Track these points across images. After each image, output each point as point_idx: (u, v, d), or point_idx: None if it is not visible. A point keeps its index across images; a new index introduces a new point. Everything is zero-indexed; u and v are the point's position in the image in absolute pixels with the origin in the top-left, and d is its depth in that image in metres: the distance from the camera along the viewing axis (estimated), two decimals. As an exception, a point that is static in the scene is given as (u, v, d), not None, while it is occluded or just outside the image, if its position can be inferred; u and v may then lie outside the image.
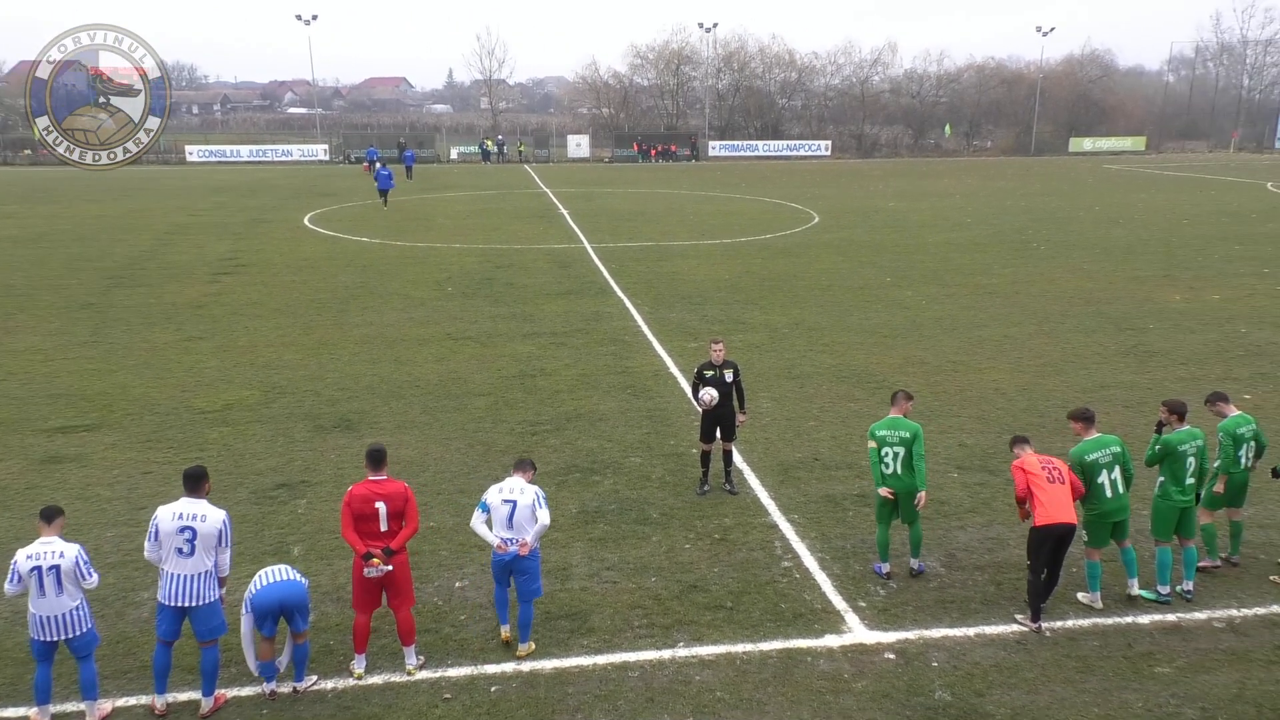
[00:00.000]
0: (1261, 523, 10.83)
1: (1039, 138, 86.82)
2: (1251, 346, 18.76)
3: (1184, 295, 23.50)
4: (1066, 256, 29.38)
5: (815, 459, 13.11)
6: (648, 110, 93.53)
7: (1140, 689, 7.96)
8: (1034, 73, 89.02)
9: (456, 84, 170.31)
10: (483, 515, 8.49)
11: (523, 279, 26.39)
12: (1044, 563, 8.81)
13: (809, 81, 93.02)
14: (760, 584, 9.72)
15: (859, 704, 7.79)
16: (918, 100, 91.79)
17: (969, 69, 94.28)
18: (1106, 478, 9.06)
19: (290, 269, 28.06)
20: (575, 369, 17.53)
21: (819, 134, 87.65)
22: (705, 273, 27.14)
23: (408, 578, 8.30)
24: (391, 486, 8.18)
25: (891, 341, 19.39)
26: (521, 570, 8.44)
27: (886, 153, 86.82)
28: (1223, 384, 15.96)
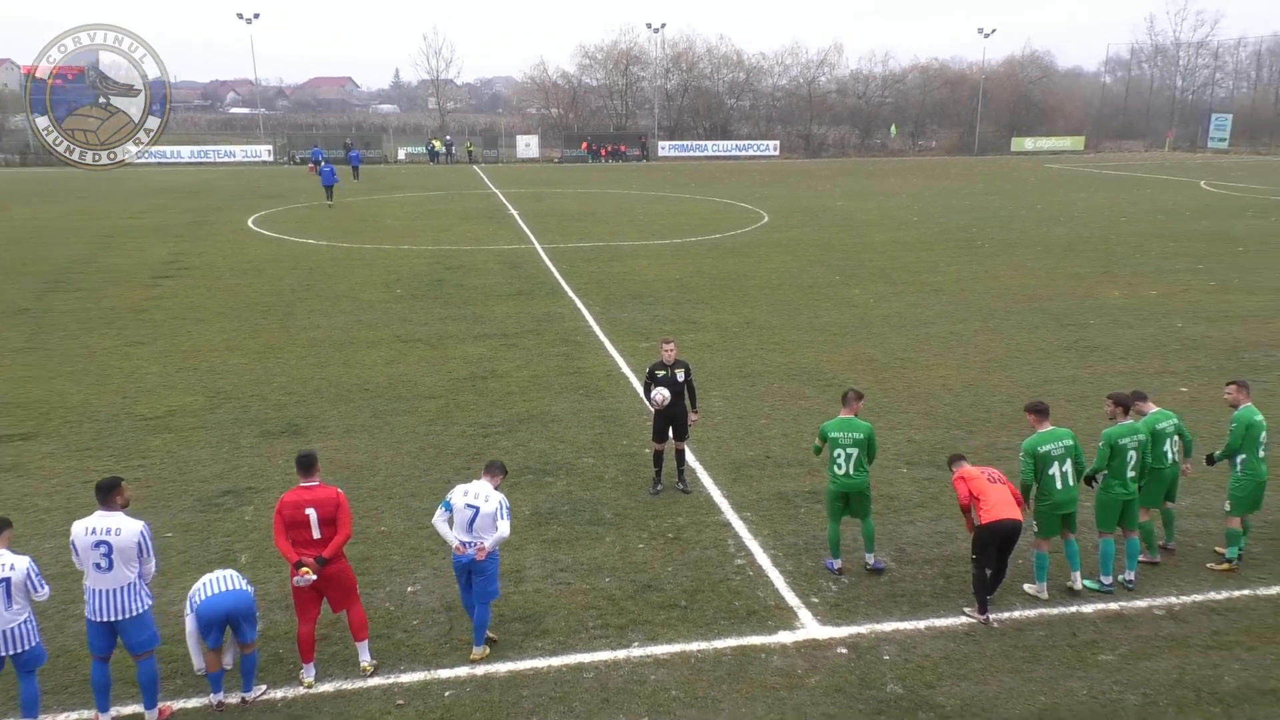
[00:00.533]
0: (1198, 512, 11.13)
1: (982, 138, 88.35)
2: (1187, 341, 19.28)
3: (1123, 291, 24.07)
4: (1010, 254, 29.93)
5: (767, 457, 13.20)
6: (597, 110, 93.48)
7: (1085, 677, 8.14)
8: (976, 74, 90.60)
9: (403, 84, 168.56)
10: (445, 514, 8.43)
11: (473, 280, 26.22)
12: (989, 559, 8.96)
13: (757, 82, 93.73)
14: (714, 582, 9.76)
15: (812, 699, 7.86)
16: (864, 101, 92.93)
17: (913, 70, 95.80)
18: (1058, 469, 9.26)
19: (234, 272, 27.56)
20: (527, 370, 17.46)
21: (767, 134, 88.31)
22: (656, 272, 27.20)
23: (350, 582, 8.18)
24: (322, 493, 8.03)
25: (841, 339, 19.60)
26: (480, 571, 8.37)
27: (834, 153, 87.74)
28: (1160, 377, 16.42)
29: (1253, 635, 8.73)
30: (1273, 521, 10.94)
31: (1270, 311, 21.67)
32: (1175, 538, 10.41)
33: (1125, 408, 9.71)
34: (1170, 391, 15.37)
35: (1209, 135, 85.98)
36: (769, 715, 7.68)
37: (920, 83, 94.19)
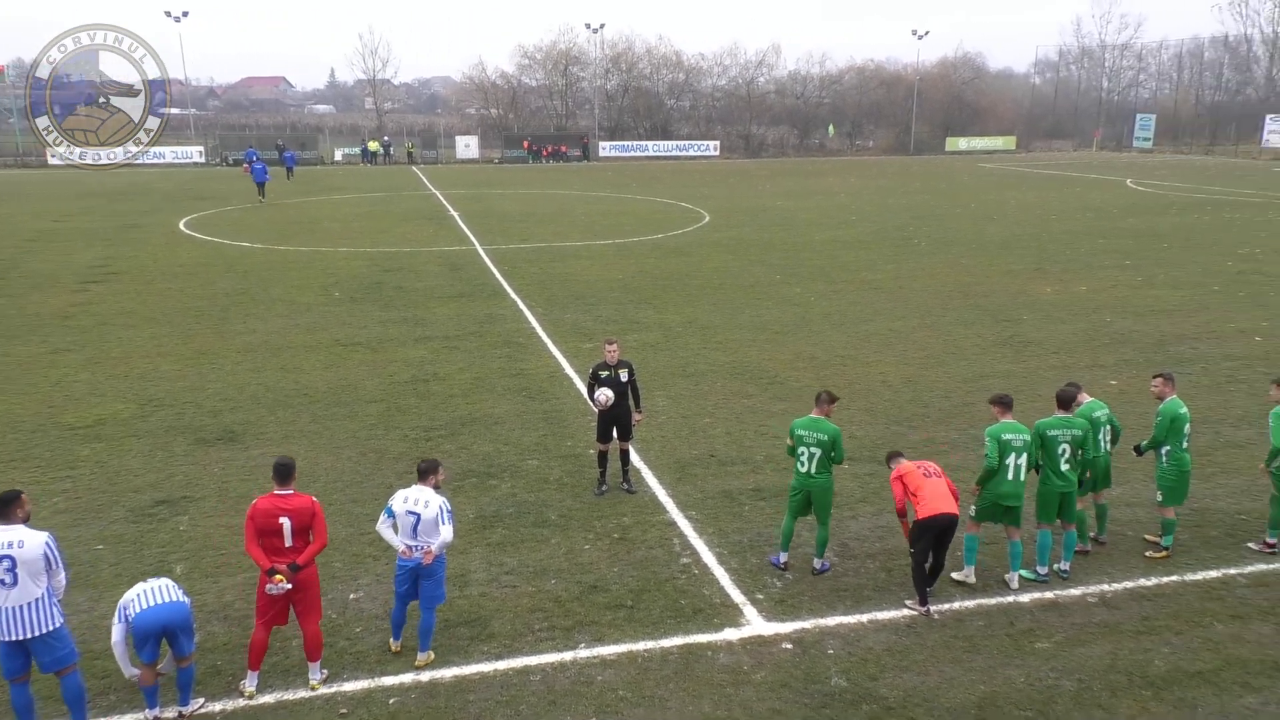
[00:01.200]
0: (1129, 501, 11.46)
1: (917, 137, 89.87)
2: (1116, 335, 19.83)
3: (1054, 288, 24.67)
4: (946, 252, 30.50)
5: (711, 455, 13.27)
6: (537, 111, 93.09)
7: (1022, 665, 8.33)
8: (911, 75, 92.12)
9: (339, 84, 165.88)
10: (388, 520, 8.34)
11: (413, 282, 25.93)
12: (926, 552, 9.12)
13: (696, 82, 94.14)
14: (660, 581, 9.78)
15: (758, 695, 7.93)
16: (802, 101, 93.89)
17: (850, 71, 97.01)
18: (1014, 461, 9.49)
19: (166, 276, 26.89)
20: (469, 373, 17.32)
21: (707, 134, 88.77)
22: (598, 273, 27.18)
23: (316, 592, 8.05)
24: (297, 501, 7.90)
25: (782, 338, 19.79)
26: (427, 575, 8.28)
27: (773, 152, 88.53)
28: (1091, 370, 16.86)
29: (1180, 620, 9.02)
30: (1198, 509, 11.31)
31: (1194, 306, 22.39)
32: (1106, 530, 10.69)
33: (1062, 403, 9.94)
34: (1101, 384, 15.79)
35: (1134, 135, 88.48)
36: (716, 712, 7.72)
37: (857, 83, 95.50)
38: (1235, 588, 9.63)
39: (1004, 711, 7.69)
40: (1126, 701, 7.80)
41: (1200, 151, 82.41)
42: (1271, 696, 7.84)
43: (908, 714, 7.66)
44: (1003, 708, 7.73)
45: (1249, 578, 9.82)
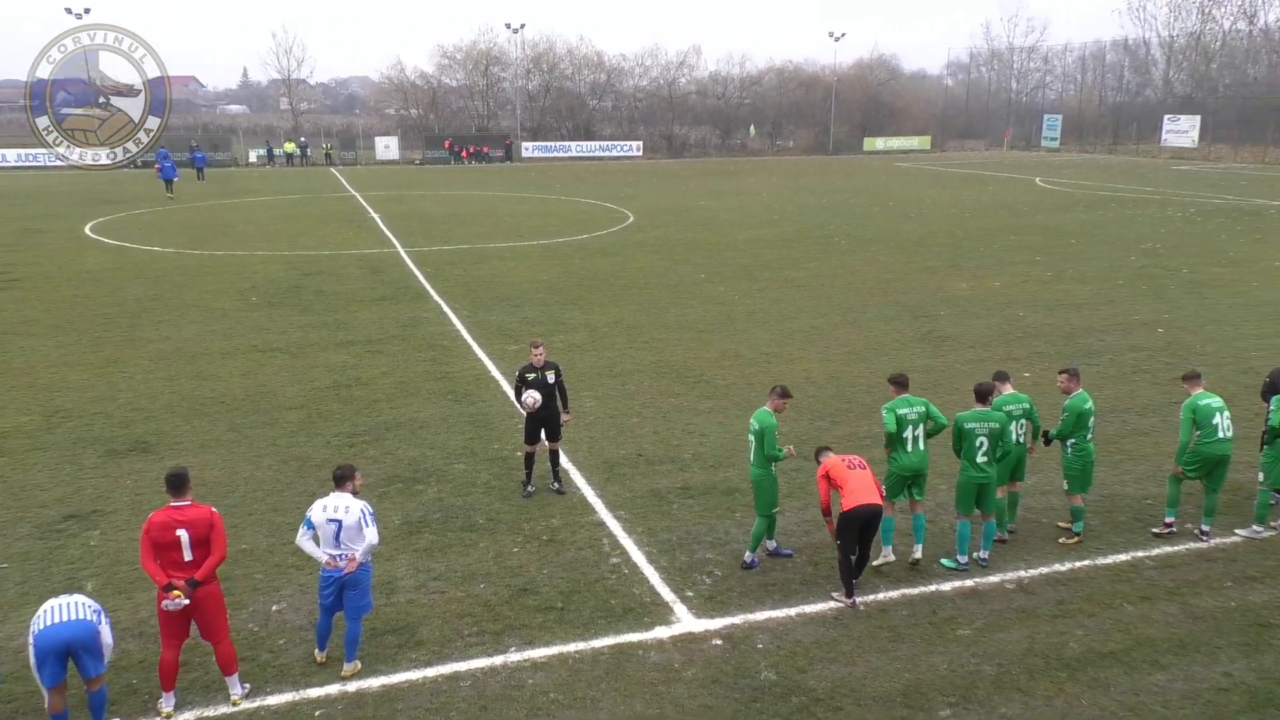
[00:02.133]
0: (1042, 489, 11.83)
1: (836, 138, 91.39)
2: (1028, 329, 20.46)
3: (969, 284, 25.35)
4: (865, 250, 31.09)
5: (639, 455, 13.30)
6: (458, 111, 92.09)
7: (945, 652, 8.54)
8: (829, 76, 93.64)
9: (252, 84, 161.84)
10: (308, 532, 8.13)
11: (333, 286, 25.43)
12: (853, 544, 9.29)
13: (618, 83, 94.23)
14: (590, 582, 9.77)
15: (690, 691, 7.98)
16: (723, 102, 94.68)
17: (769, 72, 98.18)
18: (911, 433, 9.92)
19: (71, 282, 25.89)
20: (393, 377, 17.06)
21: (630, 134, 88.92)
22: (523, 274, 27.03)
23: (220, 607, 7.82)
24: (194, 512, 7.66)
25: (708, 336, 19.94)
26: (352, 584, 8.12)
27: (696, 153, 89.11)
28: (1005, 364, 17.33)
29: (1093, 602, 9.35)
30: (1107, 495, 11.74)
31: (1100, 299, 23.23)
32: (1017, 518, 11.02)
33: (980, 397, 10.20)
34: (1015, 377, 16.22)
35: (1042, 134, 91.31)
36: (648, 711, 7.74)
37: (776, 84, 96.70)
38: (1143, 570, 10.02)
39: (928, 698, 7.87)
40: (1044, 683, 8.05)
41: (1104, 150, 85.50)
42: (1178, 674, 8.18)
43: (835, 704, 7.79)
44: (927, 694, 7.92)
45: (1156, 560, 10.24)
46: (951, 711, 7.70)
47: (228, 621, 7.95)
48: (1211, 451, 10.46)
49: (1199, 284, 24.99)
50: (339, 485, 8.28)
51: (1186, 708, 7.72)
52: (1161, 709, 7.71)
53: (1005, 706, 7.75)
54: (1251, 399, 13.28)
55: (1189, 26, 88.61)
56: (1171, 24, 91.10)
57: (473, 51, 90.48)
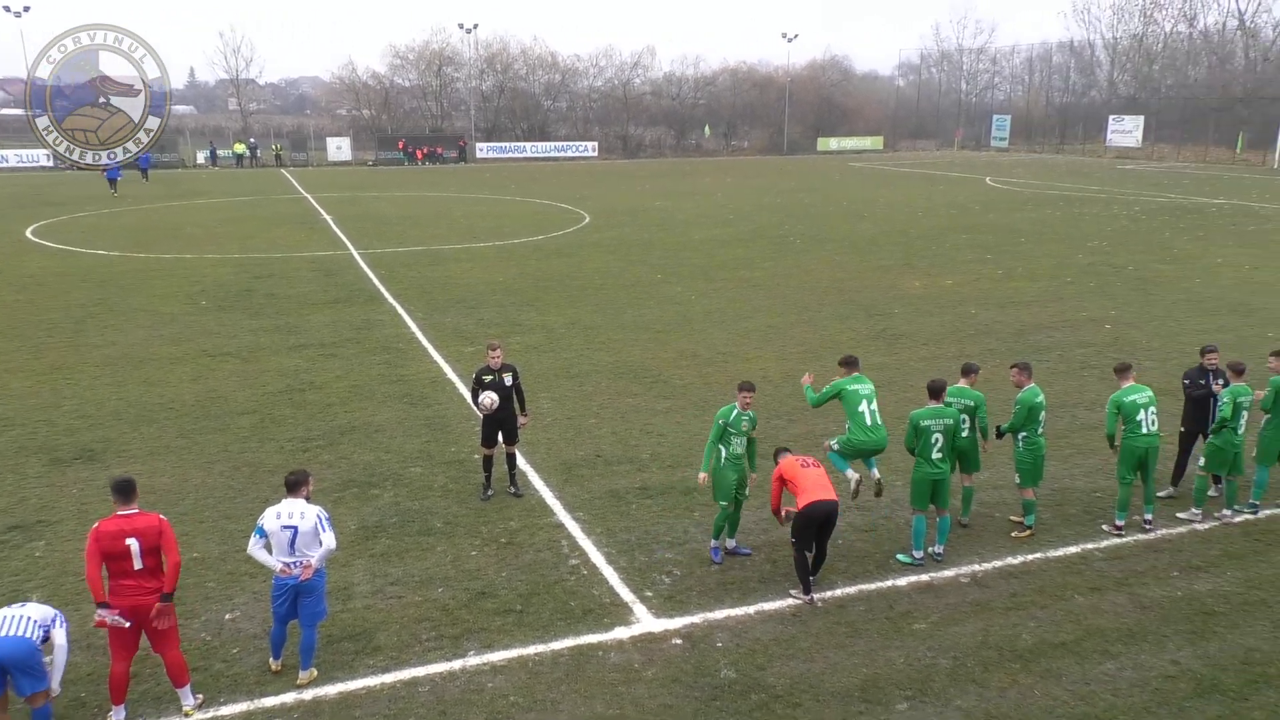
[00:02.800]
0: (995, 484, 12.01)
1: (790, 138, 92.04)
2: (980, 326, 20.77)
3: (922, 282, 25.67)
4: (820, 249, 31.36)
5: (597, 456, 13.29)
6: (411, 112, 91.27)
7: (901, 646, 8.63)
8: (782, 77, 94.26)
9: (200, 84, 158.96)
10: (260, 540, 7.96)
11: (285, 289, 25.09)
12: (809, 541, 9.36)
13: (573, 83, 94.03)
14: (549, 584, 9.74)
15: (650, 691, 7.98)
16: (678, 102, 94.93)
17: (723, 72, 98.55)
18: (866, 407, 10.32)
19: (12, 287, 25.25)
20: (347, 380, 16.87)
21: (585, 135, 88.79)
22: (479, 276, 26.87)
23: (172, 617, 7.65)
24: (143, 521, 7.48)
25: (665, 336, 19.98)
26: (308, 591, 8.01)
27: (651, 153, 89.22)
28: (958, 361, 17.53)
29: (1045, 594, 9.52)
30: (1058, 489, 11.96)
31: (1049, 296, 23.65)
32: (971, 513, 11.19)
33: (933, 393, 10.33)
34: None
35: (992, 135, 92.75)
36: (608, 712, 7.73)
37: (731, 85, 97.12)
38: (1093, 561, 10.22)
39: (885, 692, 7.96)
40: (998, 675, 8.18)
41: (1051, 150, 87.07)
42: (1127, 662, 8.36)
43: (794, 700, 7.85)
44: (884, 688, 8.00)
45: (1105, 551, 10.45)
46: (908, 705, 7.79)
47: (178, 632, 7.80)
48: (1139, 445, 10.70)
49: (1144, 281, 25.55)
50: (292, 491, 8.15)
51: (1135, 695, 7.89)
52: (1111, 697, 7.87)
53: (961, 699, 7.86)
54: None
55: (1132, 29, 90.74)
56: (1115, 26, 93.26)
57: (425, 51, 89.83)
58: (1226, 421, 10.93)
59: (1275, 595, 9.45)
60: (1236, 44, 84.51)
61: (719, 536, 10.23)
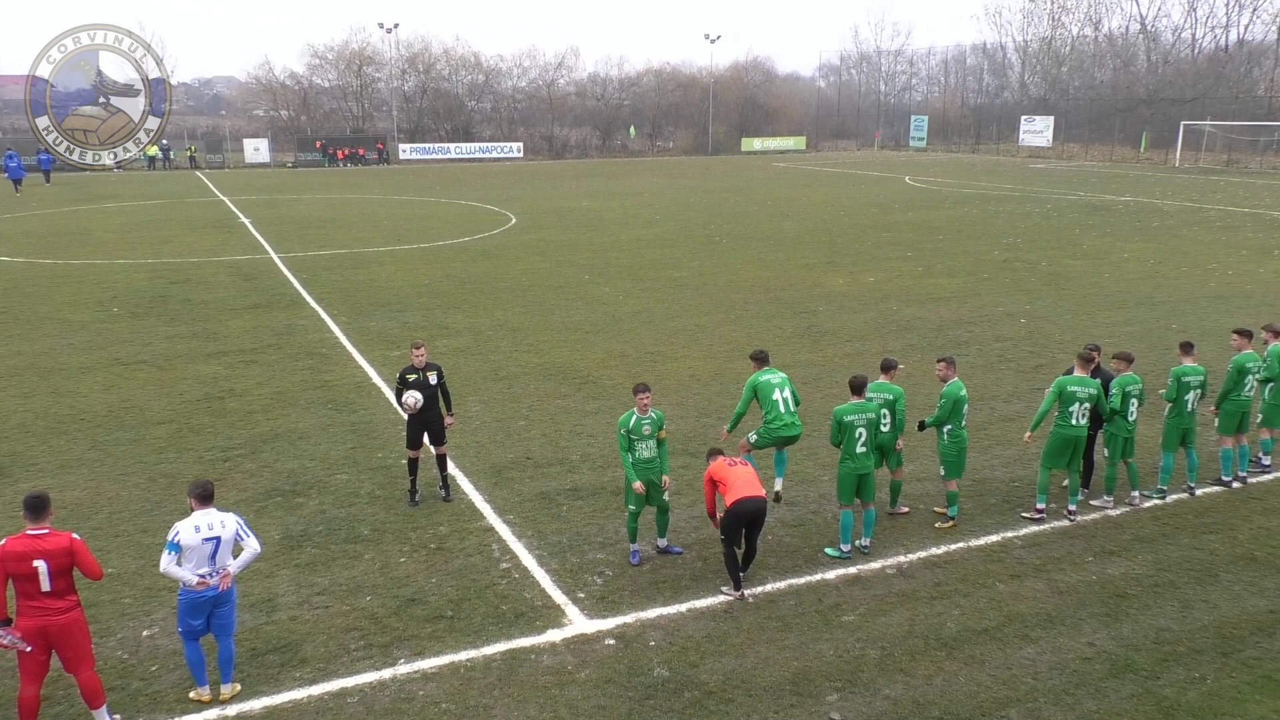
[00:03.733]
0: (919, 476, 12.28)
1: (715, 138, 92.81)
2: (902, 322, 21.22)
3: (845, 280, 26.11)
4: (745, 249, 31.67)
5: (527, 458, 13.22)
6: (331, 112, 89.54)
7: (831, 638, 8.77)
8: (706, 77, 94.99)
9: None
10: (173, 556, 7.59)
11: (202, 294, 24.41)
12: (738, 537, 9.44)
13: (496, 84, 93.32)
14: (480, 588, 9.66)
15: (583, 693, 7.97)
16: (602, 103, 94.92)
17: (648, 73, 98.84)
18: (780, 395, 10.71)
19: (-91, 296, 24.09)
20: (269, 387, 16.49)
21: (510, 135, 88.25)
22: (404, 278, 26.51)
23: (84, 636, 7.37)
24: (53, 541, 7.14)
25: (593, 337, 19.96)
26: (225, 601, 7.78)
27: (576, 154, 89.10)
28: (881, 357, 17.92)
29: (968, 583, 9.76)
30: (978, 480, 12.28)
31: (968, 292, 24.27)
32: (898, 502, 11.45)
33: (855, 389, 10.50)
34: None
35: (910, 135, 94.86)
36: (541, 715, 7.70)
37: (655, 85, 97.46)
38: (1013, 549, 10.52)
39: (816, 684, 8.07)
40: (924, 663, 8.36)
41: (967, 150, 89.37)
42: (1046, 646, 8.62)
43: (727, 696, 7.91)
44: (815, 681, 8.12)
45: (1023, 539, 10.76)
46: (838, 696, 7.92)
47: (92, 650, 7.51)
48: (1068, 435, 11.05)
49: (1056, 276, 26.39)
50: (206, 502, 7.84)
51: (1055, 678, 8.14)
52: (1032, 680, 8.11)
53: (889, 688, 8.02)
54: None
55: (1041, 32, 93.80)
56: (1025, 29, 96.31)
57: (345, 51, 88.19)
58: (1116, 410, 11.35)
59: (1182, 577, 9.85)
60: (1139, 47, 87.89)
61: (635, 539, 10.23)
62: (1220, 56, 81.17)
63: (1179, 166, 67.48)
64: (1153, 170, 65.17)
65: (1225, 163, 67.70)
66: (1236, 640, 8.67)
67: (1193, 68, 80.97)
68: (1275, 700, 7.79)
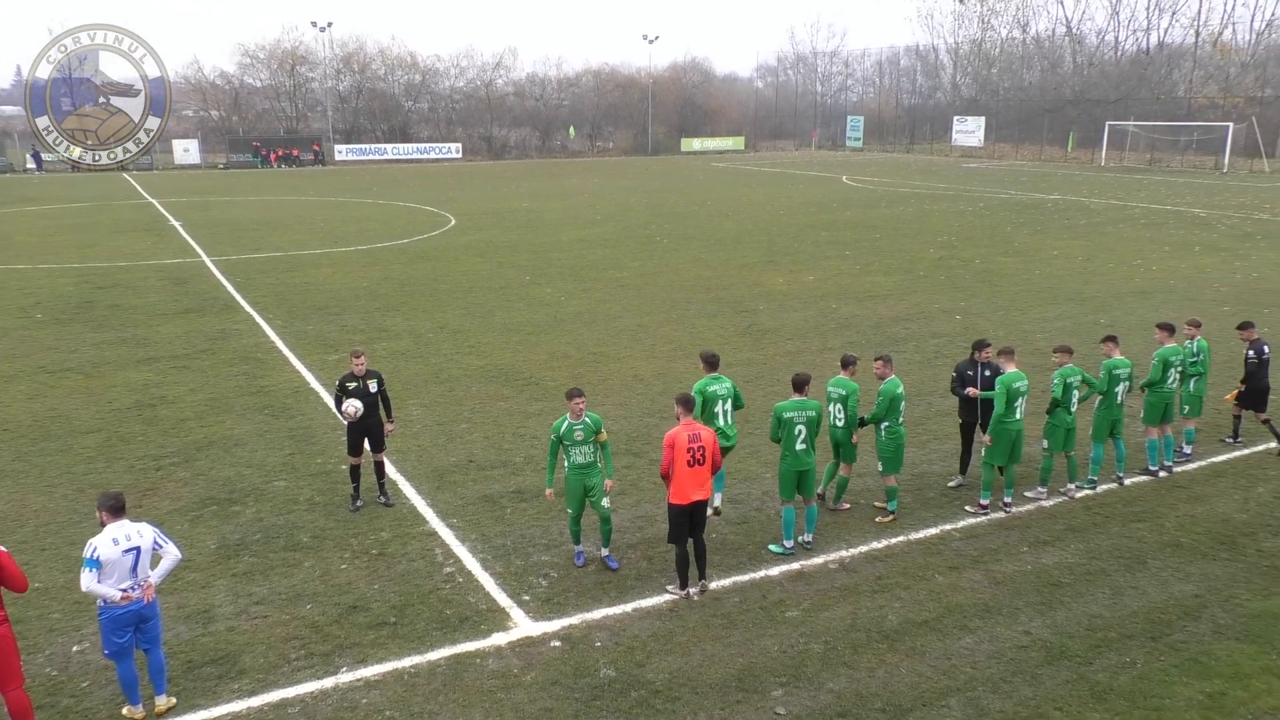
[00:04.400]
0: (859, 472, 12.41)
1: (654, 139, 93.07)
2: (841, 320, 21.49)
3: (785, 279, 26.37)
4: (686, 248, 31.81)
5: (470, 461, 13.11)
6: (264, 113, 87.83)
7: (775, 634, 8.85)
8: (645, 78, 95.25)
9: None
10: (94, 573, 7.28)
11: (131, 299, 23.77)
12: (684, 537, 9.46)
13: (434, 84, 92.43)
14: (423, 593, 9.55)
15: (530, 696, 7.93)
16: (541, 103, 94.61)
17: (586, 74, 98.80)
18: (722, 408, 10.76)
19: None
20: (202, 393, 16.11)
21: (449, 136, 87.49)
22: (341, 281, 26.11)
23: (11, 653, 7.13)
24: None
25: (536, 338, 19.88)
26: (152, 613, 7.57)
27: (516, 154, 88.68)
28: (821, 354, 18.16)
29: (909, 576, 9.93)
30: (917, 474, 12.49)
31: (904, 290, 24.68)
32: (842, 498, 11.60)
33: (798, 387, 10.60)
34: (830, 367, 17.03)
35: (847, 135, 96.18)
36: (487, 719, 7.64)
37: (594, 86, 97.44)
38: (951, 541, 10.73)
39: (761, 680, 8.14)
40: (867, 656, 8.49)
41: (902, 150, 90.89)
42: (984, 635, 8.80)
43: (674, 695, 7.94)
44: (760, 676, 8.19)
45: (961, 531, 10.98)
46: (783, 691, 8.00)
47: (20, 668, 7.27)
48: (1011, 429, 11.28)
49: (990, 273, 26.97)
50: (119, 514, 7.55)
51: (993, 666, 8.32)
52: (971, 669, 8.28)
53: (833, 681, 8.12)
54: (1039, 377, 14.48)
55: (971, 34, 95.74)
56: (956, 31, 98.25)
57: (277, 50, 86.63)
58: (1058, 402, 11.64)
59: (1113, 564, 10.14)
60: (1065, 50, 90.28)
61: (578, 541, 10.19)
62: (1142, 59, 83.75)
63: (1104, 165, 69.43)
64: (1080, 169, 66.96)
65: (1148, 161, 69.84)
66: (1164, 625, 8.95)
67: (1116, 69, 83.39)
68: (1202, 682, 8.06)
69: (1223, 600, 9.37)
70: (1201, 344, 12.98)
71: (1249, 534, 10.82)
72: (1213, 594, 9.50)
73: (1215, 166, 64.72)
